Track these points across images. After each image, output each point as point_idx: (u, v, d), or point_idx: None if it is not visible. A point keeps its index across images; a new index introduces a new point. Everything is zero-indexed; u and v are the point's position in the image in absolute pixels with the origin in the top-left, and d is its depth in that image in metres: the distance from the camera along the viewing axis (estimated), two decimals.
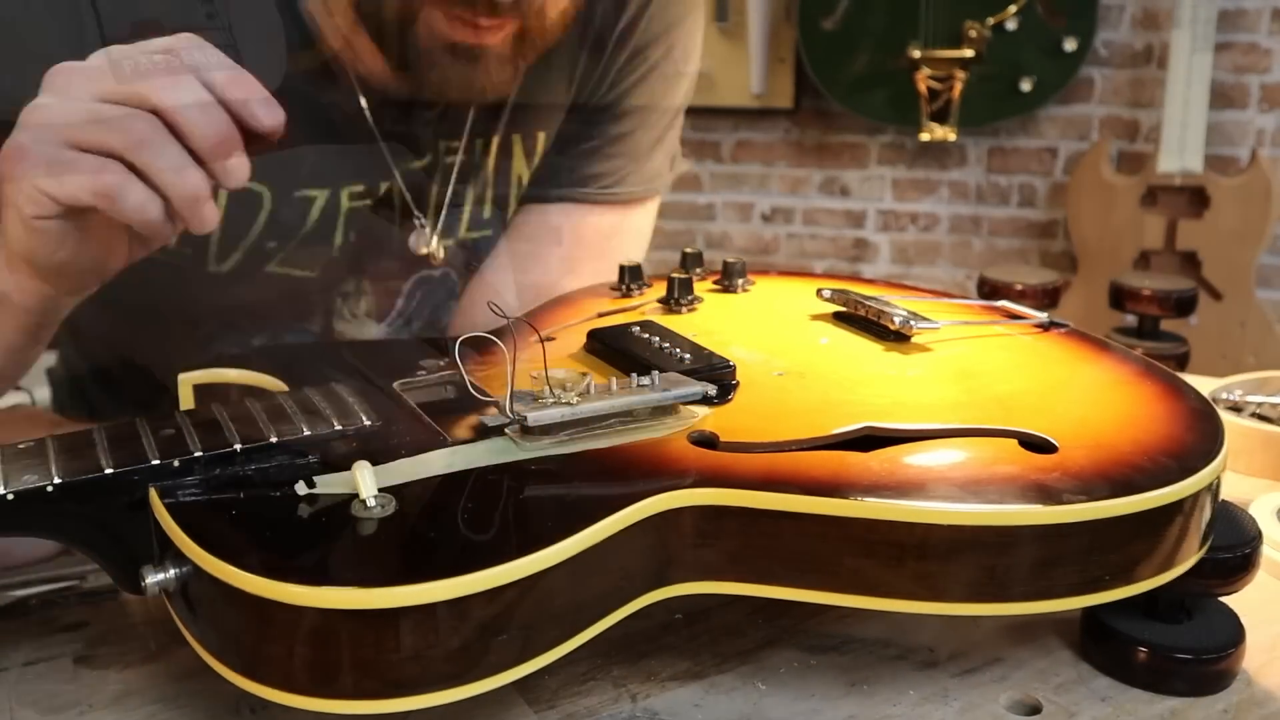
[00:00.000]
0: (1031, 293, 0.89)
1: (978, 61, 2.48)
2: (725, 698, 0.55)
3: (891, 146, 2.78)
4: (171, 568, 0.49)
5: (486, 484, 0.52)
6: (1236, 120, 2.52)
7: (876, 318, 0.71)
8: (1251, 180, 2.38)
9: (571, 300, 0.81)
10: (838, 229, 2.88)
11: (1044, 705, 0.55)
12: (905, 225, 2.83)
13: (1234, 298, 2.41)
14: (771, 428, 0.57)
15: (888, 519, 0.49)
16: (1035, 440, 0.55)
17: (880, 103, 2.61)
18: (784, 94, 2.75)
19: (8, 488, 0.49)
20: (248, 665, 0.46)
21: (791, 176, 2.88)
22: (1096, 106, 2.61)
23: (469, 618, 0.44)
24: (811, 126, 2.82)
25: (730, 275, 0.82)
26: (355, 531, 0.47)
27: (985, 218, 2.76)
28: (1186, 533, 0.53)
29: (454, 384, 0.65)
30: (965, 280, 2.79)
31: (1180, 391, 0.62)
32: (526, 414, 0.53)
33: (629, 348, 0.66)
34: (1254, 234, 2.39)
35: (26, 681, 0.58)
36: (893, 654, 0.59)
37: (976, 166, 2.73)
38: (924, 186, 2.78)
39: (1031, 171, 2.70)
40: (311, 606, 0.43)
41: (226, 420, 0.54)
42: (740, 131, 2.88)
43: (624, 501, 0.49)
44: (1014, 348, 0.70)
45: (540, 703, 0.55)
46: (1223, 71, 2.49)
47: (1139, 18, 2.54)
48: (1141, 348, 0.90)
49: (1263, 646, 0.59)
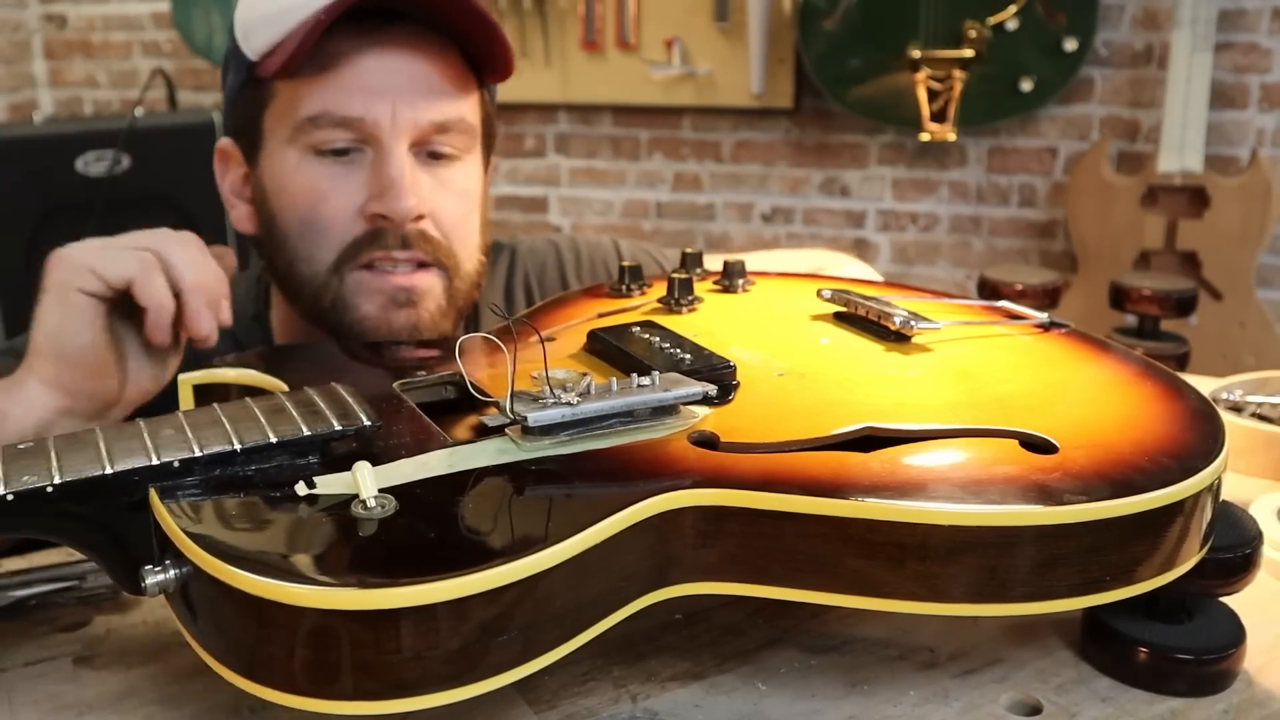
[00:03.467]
0: (1031, 293, 0.89)
1: (978, 61, 2.48)
2: (725, 698, 0.55)
3: (891, 146, 2.78)
4: (171, 568, 0.49)
5: (487, 484, 0.52)
6: (1236, 120, 2.51)
7: (877, 318, 0.71)
8: (1251, 180, 2.38)
9: (572, 300, 0.81)
10: (838, 229, 2.88)
11: (1044, 705, 0.55)
12: (905, 225, 2.82)
13: (1234, 298, 2.41)
14: (772, 428, 0.57)
15: (888, 519, 0.49)
16: (1036, 441, 0.55)
17: (880, 103, 2.60)
18: (784, 94, 2.75)
19: (8, 488, 0.49)
20: (248, 666, 0.46)
21: (791, 176, 2.87)
22: (1096, 106, 2.61)
23: (469, 618, 0.44)
24: (811, 126, 2.82)
25: (730, 275, 0.82)
26: (355, 532, 0.47)
27: (985, 218, 2.76)
28: (1187, 533, 0.53)
29: (454, 384, 0.65)
30: (965, 280, 2.79)
31: (1181, 392, 0.62)
32: (527, 414, 0.53)
33: (629, 348, 0.66)
34: (1254, 234, 2.39)
35: (26, 682, 0.58)
36: (893, 654, 0.59)
37: (976, 166, 2.73)
38: (924, 186, 2.78)
39: (1031, 171, 2.69)
40: (311, 607, 0.43)
41: (226, 420, 0.54)
42: (740, 131, 2.88)
43: (624, 502, 0.49)
44: (1014, 348, 0.70)
45: (540, 703, 0.55)
46: (1223, 71, 2.49)
47: (1139, 18, 2.54)
48: (1142, 348, 0.90)
49: (1263, 647, 0.59)
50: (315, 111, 0.82)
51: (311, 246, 0.84)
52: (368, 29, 0.81)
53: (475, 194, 0.89)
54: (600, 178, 3.03)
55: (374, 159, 0.83)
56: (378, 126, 0.82)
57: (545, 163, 3.06)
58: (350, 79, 0.82)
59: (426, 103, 0.83)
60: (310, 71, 0.82)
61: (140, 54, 3.29)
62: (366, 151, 0.83)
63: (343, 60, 0.81)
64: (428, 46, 0.84)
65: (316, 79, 0.82)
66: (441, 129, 0.84)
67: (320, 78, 0.82)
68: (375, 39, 0.82)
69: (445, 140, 0.85)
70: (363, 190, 0.83)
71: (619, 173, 3.01)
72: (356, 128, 0.82)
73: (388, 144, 0.82)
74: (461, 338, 0.70)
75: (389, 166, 0.82)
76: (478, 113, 0.88)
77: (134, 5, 3.25)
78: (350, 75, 0.82)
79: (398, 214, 0.81)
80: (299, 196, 0.84)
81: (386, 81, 0.82)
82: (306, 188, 0.84)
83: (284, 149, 0.85)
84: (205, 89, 3.25)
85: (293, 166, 0.84)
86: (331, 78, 0.82)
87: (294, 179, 0.84)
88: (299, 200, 0.84)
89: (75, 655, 0.60)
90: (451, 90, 0.85)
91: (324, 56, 0.81)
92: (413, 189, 0.82)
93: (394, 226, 0.82)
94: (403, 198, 0.81)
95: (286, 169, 0.85)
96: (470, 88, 0.87)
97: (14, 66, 3.30)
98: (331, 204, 0.83)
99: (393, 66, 0.82)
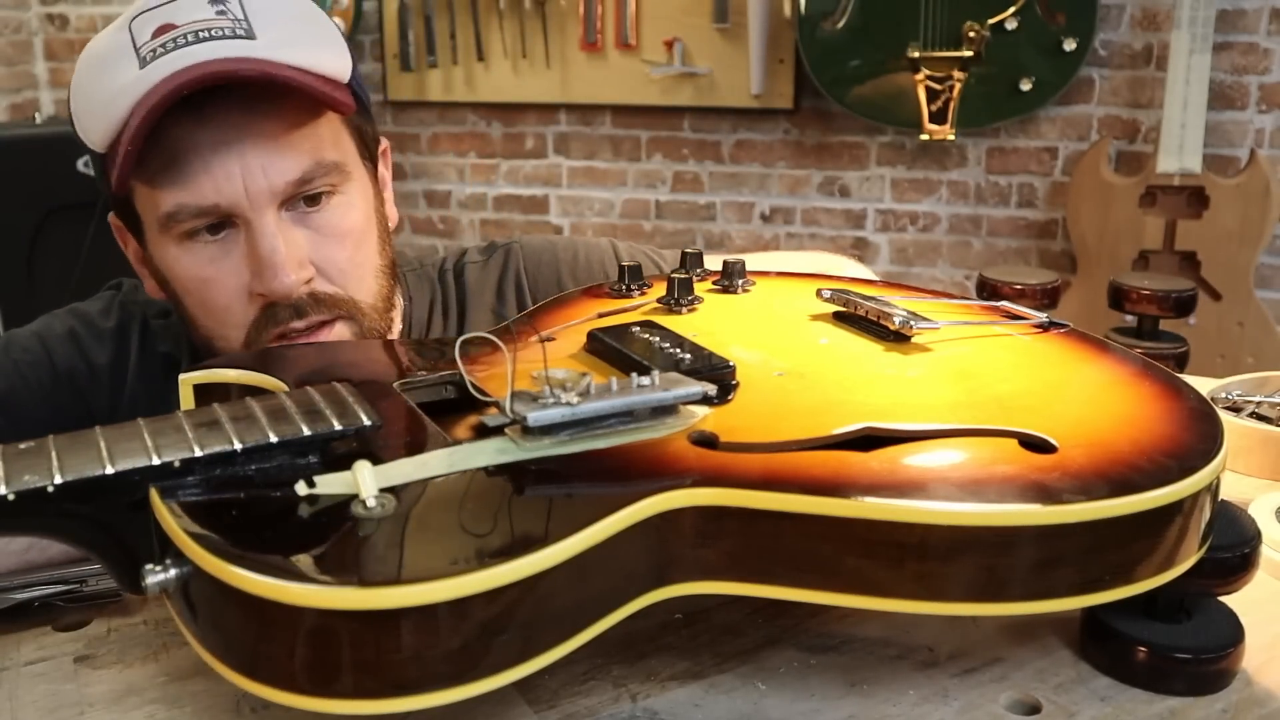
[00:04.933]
0: (1031, 293, 0.89)
1: (977, 62, 2.48)
2: (725, 698, 0.55)
3: (891, 146, 2.78)
4: (172, 568, 0.49)
5: (487, 484, 0.52)
6: (1235, 120, 2.52)
7: (876, 318, 0.71)
8: (1250, 180, 2.39)
9: (571, 300, 0.81)
10: (837, 229, 2.88)
11: (1044, 705, 0.55)
12: (905, 225, 2.83)
13: (1233, 298, 2.41)
14: (772, 428, 0.57)
15: (888, 519, 0.49)
16: (1035, 440, 0.55)
17: (880, 103, 2.61)
18: (784, 94, 2.75)
19: (9, 487, 0.49)
20: (248, 665, 0.46)
21: (791, 176, 2.88)
22: (1096, 107, 2.61)
23: (469, 618, 0.44)
24: (811, 126, 2.82)
25: (730, 275, 0.82)
26: (355, 532, 0.47)
27: (985, 218, 2.76)
28: (1186, 533, 0.53)
29: (454, 384, 0.65)
30: (965, 280, 2.79)
31: (1179, 391, 0.62)
32: (527, 414, 0.53)
33: (629, 348, 0.66)
34: (1253, 234, 2.39)
35: (27, 681, 0.58)
36: (892, 654, 0.59)
37: (976, 167, 2.73)
38: (924, 187, 2.78)
39: (1031, 171, 2.70)
40: (311, 606, 0.43)
41: (226, 420, 0.54)
42: (740, 131, 2.88)
43: (624, 502, 0.49)
44: (1014, 348, 0.70)
45: (540, 703, 0.55)
46: (1222, 72, 2.49)
47: (1139, 18, 2.54)
48: (1141, 348, 0.90)
49: (1262, 646, 0.59)
50: (171, 208, 0.81)
51: (219, 325, 0.85)
52: (197, 107, 0.79)
53: (361, 223, 0.88)
54: (600, 178, 3.03)
55: (246, 235, 0.82)
56: (236, 206, 0.81)
57: (545, 163, 3.06)
58: (194, 166, 0.80)
59: (277, 166, 0.81)
60: (156, 168, 0.80)
61: None
62: (239, 226, 0.82)
63: (181, 148, 0.80)
64: (263, 107, 0.81)
65: (163, 174, 0.81)
66: (303, 181, 0.82)
67: (167, 173, 0.80)
68: (207, 116, 0.80)
69: (314, 186, 0.84)
70: (244, 268, 0.82)
71: (619, 173, 3.01)
72: (214, 213, 0.81)
73: (252, 219, 0.81)
74: (461, 338, 0.71)
75: (260, 245, 0.81)
76: (341, 141, 0.87)
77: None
78: (193, 163, 0.80)
79: (279, 293, 0.81)
80: (189, 283, 0.84)
81: (227, 158, 0.80)
82: (191, 275, 0.84)
83: (160, 238, 0.84)
84: None
85: (174, 256, 0.84)
86: (176, 170, 0.80)
87: (177, 267, 0.84)
88: (189, 287, 0.85)
89: (76, 654, 0.60)
90: (300, 141, 0.82)
91: (162, 151, 0.80)
92: (290, 260, 0.81)
93: (282, 300, 0.82)
94: (279, 275, 0.80)
95: (168, 258, 0.85)
96: (320, 125, 0.84)
97: (15, 67, 3.30)
98: (219, 288, 0.83)
99: (231, 141, 0.80)
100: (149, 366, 0.95)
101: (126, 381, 0.94)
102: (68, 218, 2.60)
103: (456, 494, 0.51)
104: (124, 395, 0.94)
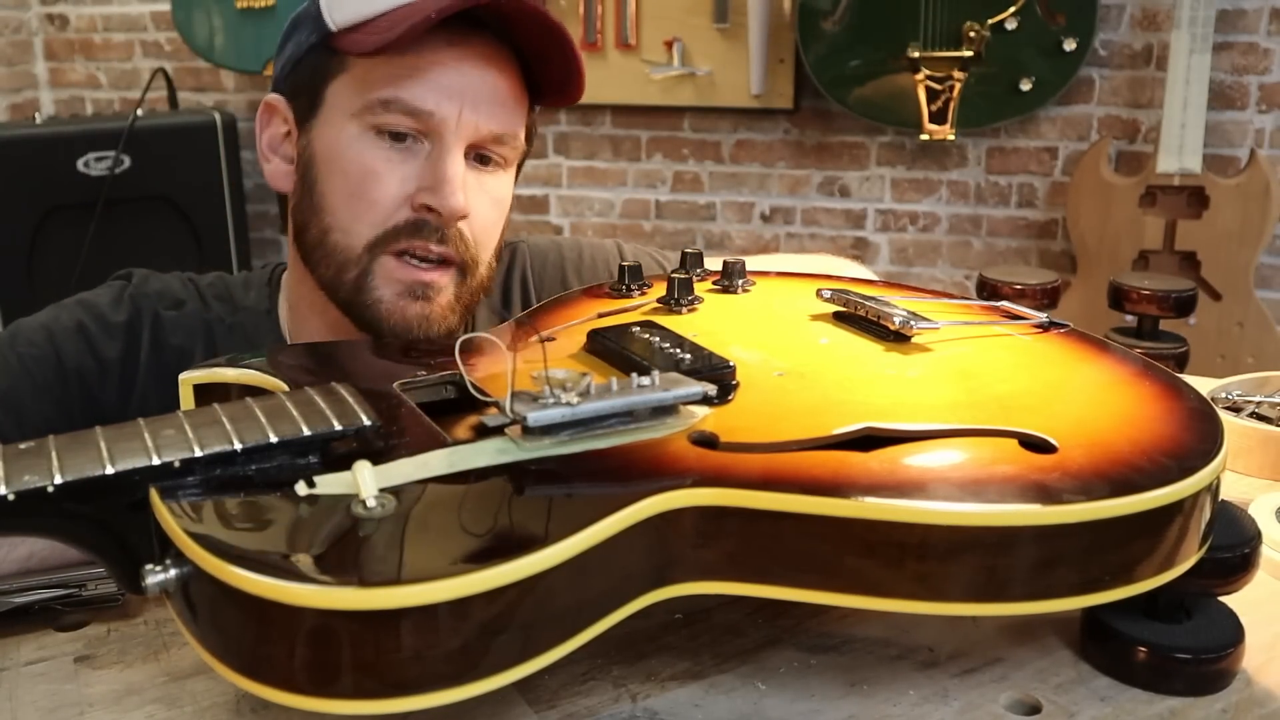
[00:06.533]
0: (1031, 293, 0.89)
1: (977, 62, 2.48)
2: (725, 698, 0.55)
3: (891, 146, 2.78)
4: (172, 568, 0.49)
5: (487, 484, 0.52)
6: (1235, 120, 2.52)
7: (876, 318, 0.71)
8: (1250, 180, 2.38)
9: (571, 300, 0.81)
10: (837, 229, 2.88)
11: (1044, 705, 0.55)
12: (905, 225, 2.82)
13: (1233, 298, 2.41)
14: (772, 428, 0.57)
15: (888, 519, 0.49)
16: (1035, 440, 0.55)
17: (880, 103, 2.60)
18: (784, 94, 2.75)
19: (9, 487, 0.49)
20: (248, 665, 0.46)
21: (791, 176, 2.87)
22: (1096, 107, 2.61)
23: (469, 618, 0.44)
24: (811, 126, 2.82)
25: (730, 275, 0.82)
26: (355, 532, 0.47)
27: (985, 218, 2.76)
28: (1186, 533, 0.53)
29: (454, 384, 0.65)
30: (965, 280, 2.79)
31: (1180, 391, 0.62)
32: (527, 414, 0.53)
33: (629, 348, 0.66)
34: (1253, 234, 2.39)
35: (27, 681, 0.58)
36: (893, 654, 0.59)
37: (976, 167, 2.73)
38: (924, 187, 2.78)
39: (1031, 172, 2.70)
40: (311, 607, 0.43)
41: (227, 420, 0.54)
42: (740, 131, 2.88)
43: (624, 502, 0.49)
44: (1014, 348, 0.70)
45: (540, 703, 0.55)
46: (1222, 72, 2.49)
47: (1138, 18, 2.54)
48: (1141, 348, 0.90)
49: (1262, 646, 0.59)
50: (389, 96, 0.84)
51: (353, 219, 0.86)
52: (451, 31, 0.84)
53: (506, 204, 0.93)
54: (600, 178, 3.03)
55: (431, 152, 0.85)
56: (444, 124, 0.84)
57: (545, 163, 3.06)
58: (428, 74, 0.84)
59: (490, 112, 0.86)
60: (397, 58, 0.84)
61: (141, 54, 3.29)
62: (424, 144, 0.86)
63: (424, 54, 0.84)
64: (500, 61, 0.87)
65: (396, 65, 0.84)
66: (497, 140, 0.88)
67: (400, 65, 0.84)
68: (455, 42, 0.85)
69: (496, 150, 0.89)
70: (413, 179, 0.85)
71: (619, 173, 3.01)
72: (424, 120, 0.84)
73: (449, 142, 0.85)
74: (461, 338, 0.70)
75: (446, 163, 0.84)
76: (521, 128, 0.92)
77: (135, 5, 3.25)
78: (429, 70, 0.84)
79: (447, 210, 0.84)
80: (351, 170, 0.86)
81: (460, 84, 0.85)
82: (361, 163, 0.86)
83: (345, 120, 0.86)
84: (206, 89, 3.25)
85: (350, 139, 0.86)
86: (410, 68, 0.84)
87: (349, 152, 0.86)
88: (351, 173, 0.86)
89: (76, 655, 0.60)
90: (513, 105, 0.89)
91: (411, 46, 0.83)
92: (463, 189, 0.85)
93: (438, 221, 0.85)
94: (455, 195, 0.84)
95: (343, 140, 0.86)
96: (526, 106, 0.91)
97: (15, 67, 3.30)
98: (383, 185, 0.85)
99: (467, 72, 0.85)
100: (161, 361, 0.95)
101: (138, 377, 0.94)
102: (68, 218, 2.60)
103: (456, 494, 0.51)
104: (135, 391, 0.94)
